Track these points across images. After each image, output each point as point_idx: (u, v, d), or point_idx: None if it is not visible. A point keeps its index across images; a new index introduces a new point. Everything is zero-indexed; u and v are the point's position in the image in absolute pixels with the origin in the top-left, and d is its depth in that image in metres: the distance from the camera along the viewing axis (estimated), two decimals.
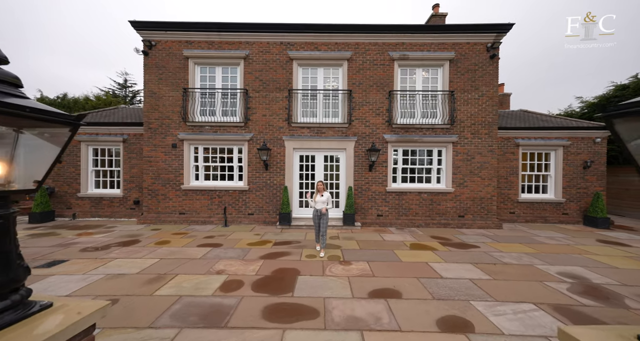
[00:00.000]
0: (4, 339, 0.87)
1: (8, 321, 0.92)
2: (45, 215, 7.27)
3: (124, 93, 24.83)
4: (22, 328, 0.94)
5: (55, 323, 0.99)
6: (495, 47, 7.41)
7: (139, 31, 7.08)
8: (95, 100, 20.17)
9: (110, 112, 9.10)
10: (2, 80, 0.95)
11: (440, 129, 7.43)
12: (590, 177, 7.96)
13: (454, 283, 3.76)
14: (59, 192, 7.90)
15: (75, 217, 7.80)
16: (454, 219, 7.36)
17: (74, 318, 1.04)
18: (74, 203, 7.91)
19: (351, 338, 2.53)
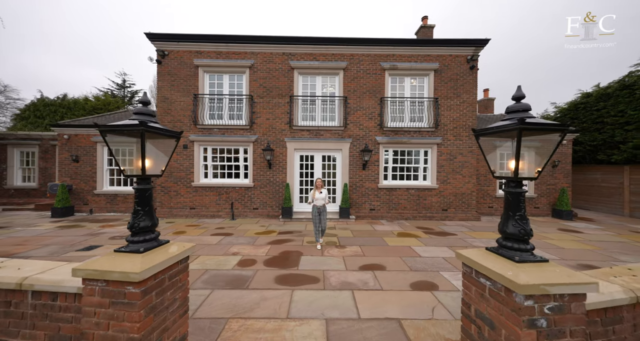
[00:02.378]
0: (156, 253, 1.64)
1: (155, 245, 1.70)
2: (66, 210, 7.90)
3: (122, 93, 25.16)
4: (160, 250, 1.71)
5: (174, 249, 1.77)
6: (474, 59, 8.29)
7: (153, 42, 7.75)
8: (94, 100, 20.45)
9: (122, 115, 9.72)
10: (151, 114, 1.72)
11: (426, 132, 8.28)
12: (558, 175, 8.94)
13: (429, 260, 4.60)
14: (76, 189, 8.52)
15: (92, 212, 8.44)
16: (438, 212, 8.24)
17: (181, 248, 1.81)
18: (91, 199, 8.54)
19: (344, 295, 3.33)
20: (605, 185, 9.40)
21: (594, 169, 9.79)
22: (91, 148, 8.53)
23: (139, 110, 1.70)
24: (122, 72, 24.94)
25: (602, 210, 9.54)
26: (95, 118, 9.34)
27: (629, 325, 1.57)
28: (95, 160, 8.55)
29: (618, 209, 8.98)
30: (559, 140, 1.55)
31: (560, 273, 1.41)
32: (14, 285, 1.63)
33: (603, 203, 9.47)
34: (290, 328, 2.61)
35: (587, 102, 9.79)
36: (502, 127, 1.58)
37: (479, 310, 1.66)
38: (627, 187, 8.68)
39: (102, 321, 1.50)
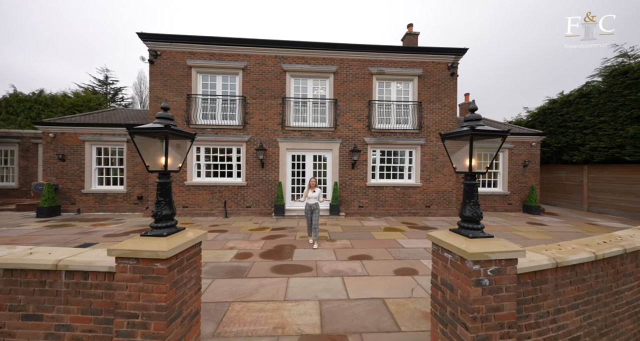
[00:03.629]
0: (177, 237, 1.94)
1: (174, 231, 1.99)
2: (52, 209, 7.74)
3: (105, 90, 24.23)
4: (180, 234, 2.00)
5: (191, 234, 2.06)
6: (454, 66, 8.96)
7: (146, 42, 7.78)
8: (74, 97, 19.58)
9: (110, 113, 9.60)
10: (171, 118, 2.00)
11: (411, 133, 8.85)
12: (529, 174, 9.82)
13: (411, 250, 5.08)
14: (62, 189, 8.35)
15: (80, 212, 8.31)
16: (422, 209, 8.83)
17: (196, 234, 2.11)
18: (78, 198, 8.40)
19: (335, 280, 3.71)
20: (569, 182, 10.41)
21: (559, 168, 10.80)
22: (79, 146, 8.40)
23: (161, 115, 1.98)
24: (104, 68, 23.98)
25: (565, 205, 10.56)
26: (83, 116, 9.16)
27: (552, 285, 2.04)
28: (83, 159, 8.42)
29: (578, 204, 9.99)
30: (501, 143, 2.00)
31: (499, 245, 1.85)
32: (50, 266, 1.86)
33: (567, 199, 10.48)
34: (287, 308, 2.95)
35: (553, 108, 10.79)
36: (460, 132, 2.00)
37: (443, 278, 2.09)
38: (586, 185, 9.70)
39: (134, 293, 1.78)
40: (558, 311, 2.08)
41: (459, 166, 2.17)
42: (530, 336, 1.98)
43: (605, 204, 9.20)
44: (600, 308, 2.25)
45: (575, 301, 2.15)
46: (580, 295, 2.17)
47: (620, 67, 8.48)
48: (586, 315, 2.19)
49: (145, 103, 28.05)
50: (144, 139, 1.97)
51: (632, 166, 8.47)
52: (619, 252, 2.30)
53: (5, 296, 1.89)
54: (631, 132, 7.95)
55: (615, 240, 2.50)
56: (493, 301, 1.80)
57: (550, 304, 2.05)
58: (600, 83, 9.18)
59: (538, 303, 2.01)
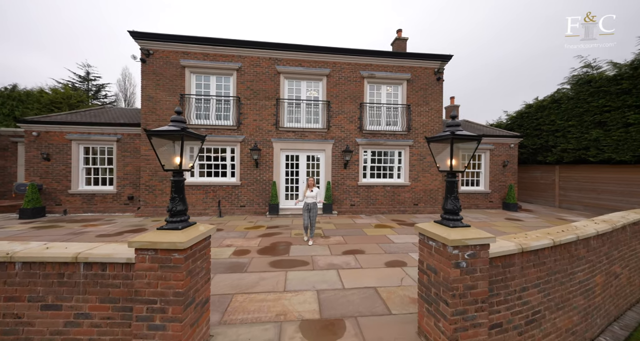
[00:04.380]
0: (190, 230, 2.11)
1: (188, 225, 2.16)
2: (36, 210, 7.49)
3: (86, 86, 23.18)
4: (192, 228, 2.18)
5: (202, 228, 2.24)
6: (440, 72, 9.48)
7: (137, 40, 7.69)
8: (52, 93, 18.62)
9: (99, 112, 9.36)
10: (184, 121, 2.18)
11: (400, 135, 9.27)
12: (508, 173, 10.54)
13: (401, 245, 5.42)
14: (47, 189, 8.08)
15: (66, 213, 8.07)
16: (410, 207, 9.27)
17: (207, 228, 2.29)
18: (64, 199, 8.16)
19: (331, 273, 3.96)
20: (543, 181, 11.26)
21: (535, 168, 11.65)
22: (65, 146, 8.15)
23: (176, 118, 2.15)
24: (85, 64, 22.85)
25: (540, 203, 11.40)
26: (70, 114, 8.87)
27: (518, 267, 2.40)
28: (69, 159, 8.18)
29: (551, 201, 10.84)
30: (476, 145, 2.33)
31: (475, 233, 2.17)
32: (70, 258, 1.98)
33: (541, 197, 11.33)
34: (288, 298, 3.17)
35: (529, 112, 11.62)
36: (442, 136, 2.31)
37: (429, 263, 2.39)
38: (557, 183, 10.55)
39: (152, 281, 1.94)
40: (523, 289, 2.44)
41: (442, 165, 2.49)
42: (500, 310, 2.32)
43: (573, 201, 10.06)
44: (558, 287, 2.65)
45: (537, 281, 2.51)
46: (541, 275, 2.54)
47: (585, 76, 9.33)
48: (546, 292, 2.57)
49: (131, 101, 27.08)
50: (159, 140, 2.13)
51: (596, 166, 9.33)
52: (573, 238, 2.70)
53: (24, 288, 2.00)
54: (594, 135, 8.78)
55: (572, 229, 2.92)
56: (469, 280, 2.12)
57: (516, 283, 2.40)
58: (569, 90, 10.04)
59: (507, 282, 2.36)
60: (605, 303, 3.19)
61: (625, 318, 3.32)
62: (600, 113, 8.80)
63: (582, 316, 2.90)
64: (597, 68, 9.22)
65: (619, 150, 8.31)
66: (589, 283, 2.94)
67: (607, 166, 9.02)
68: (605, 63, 9.09)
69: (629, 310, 3.53)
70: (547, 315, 2.59)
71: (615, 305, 3.35)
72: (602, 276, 3.16)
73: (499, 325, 2.30)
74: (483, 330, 2.16)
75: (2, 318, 1.98)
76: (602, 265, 3.14)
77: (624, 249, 3.51)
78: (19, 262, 2.00)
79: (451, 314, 2.08)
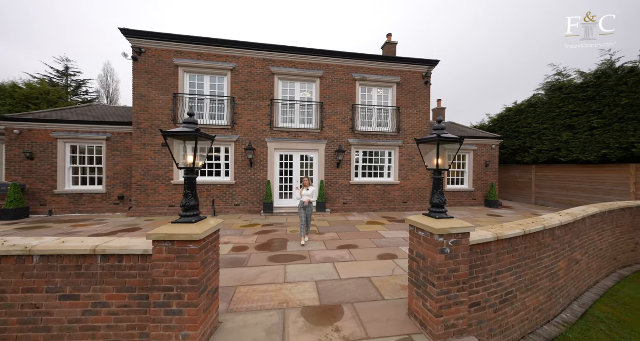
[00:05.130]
0: (203, 224, 2.29)
1: (200, 219, 2.33)
2: (19, 211, 7.22)
3: (64, 82, 22.09)
4: (204, 222, 2.35)
5: (213, 222, 2.42)
6: (428, 76, 9.98)
7: (129, 38, 7.59)
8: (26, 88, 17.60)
9: (86, 109, 9.10)
10: (197, 123, 2.35)
11: (390, 136, 9.67)
12: (490, 173, 11.23)
13: (391, 240, 5.76)
14: (30, 189, 7.79)
15: (52, 213, 7.82)
16: (400, 204, 9.70)
17: (216, 222, 2.47)
18: (50, 200, 7.89)
19: (327, 265, 4.21)
20: (521, 180, 12.08)
21: (514, 168, 12.47)
22: (50, 144, 7.89)
23: (189, 120, 2.32)
24: (63, 58, 21.61)
25: (519, 200, 12.23)
26: (55, 112, 8.57)
27: (494, 254, 2.75)
28: (55, 158, 7.92)
29: (529, 199, 11.67)
30: (459, 147, 2.65)
31: (458, 223, 2.48)
32: (88, 251, 2.10)
33: (520, 195, 12.15)
34: (288, 288, 3.39)
35: (509, 115, 12.42)
36: (430, 138, 2.61)
37: (418, 251, 2.69)
38: (534, 182, 11.37)
39: (169, 270, 2.10)
40: (498, 273, 2.79)
41: (429, 165, 2.79)
42: (479, 291, 2.65)
43: (547, 198, 10.89)
44: (528, 271, 3.03)
45: (510, 265, 2.88)
46: (514, 260, 2.91)
47: (557, 83, 10.15)
48: (518, 275, 2.94)
49: (114, 99, 26.07)
50: (173, 141, 2.29)
51: (566, 166, 10.18)
52: (540, 229, 3.10)
53: (42, 280, 2.10)
54: (565, 138, 9.58)
55: (540, 221, 3.33)
56: (452, 265, 2.43)
57: (493, 268, 2.75)
58: (543, 96, 10.86)
59: (485, 267, 2.70)
60: (567, 285, 3.64)
61: (584, 298, 3.80)
62: (569, 117, 9.62)
63: (548, 296, 3.31)
64: (567, 76, 10.07)
65: (585, 151, 9.14)
66: (553, 267, 3.36)
67: (575, 166, 9.87)
68: (573, 72, 9.95)
69: (587, 291, 4.02)
70: (518, 295, 2.97)
71: (576, 287, 3.82)
72: (565, 262, 3.60)
73: (477, 304, 2.64)
74: (464, 307, 2.48)
75: (20, 309, 2.07)
76: (565, 252, 3.58)
77: (584, 238, 4.00)
78: (37, 255, 2.09)
79: (437, 294, 2.38)
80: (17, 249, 2.06)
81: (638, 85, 7.81)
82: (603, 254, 4.61)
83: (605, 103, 8.56)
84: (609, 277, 4.64)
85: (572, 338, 2.99)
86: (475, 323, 2.61)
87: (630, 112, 7.98)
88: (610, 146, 8.48)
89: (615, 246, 4.94)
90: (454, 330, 2.44)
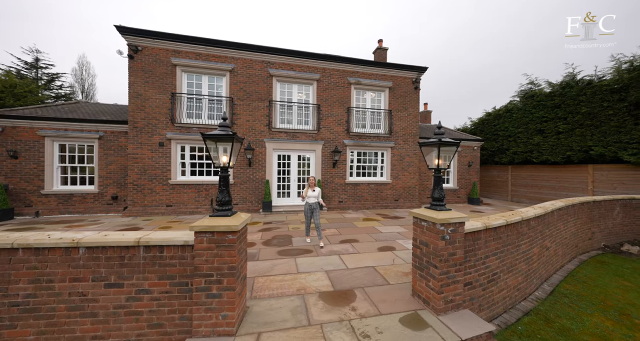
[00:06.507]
0: (236, 217, 2.54)
1: (232, 213, 2.58)
2: (4, 213, 6.86)
3: (34, 75, 20.58)
4: (236, 216, 2.60)
5: (244, 216, 2.67)
6: (417, 81, 10.63)
7: (125, 35, 7.45)
8: None
9: (74, 106, 8.75)
10: (230, 126, 2.59)
11: (383, 137, 10.20)
12: (472, 172, 12.15)
13: (388, 234, 6.22)
14: (14, 189, 7.40)
15: (39, 214, 7.48)
16: (392, 202, 10.26)
17: (247, 216, 2.72)
18: (36, 200, 7.54)
19: (334, 257, 4.55)
20: (499, 179, 13.16)
21: (493, 168, 13.55)
22: (37, 142, 7.54)
23: (224, 123, 2.55)
24: (33, 49, 19.90)
25: (497, 197, 13.31)
26: (41, 108, 8.16)
27: (483, 240, 3.23)
28: (42, 157, 7.59)
29: (505, 196, 12.76)
30: (456, 149, 3.10)
31: (455, 214, 2.92)
32: (132, 242, 2.27)
33: (498, 193, 13.23)
34: (303, 277, 3.69)
35: (488, 119, 13.49)
36: (431, 142, 3.04)
37: (421, 239, 3.10)
38: (510, 181, 12.46)
39: (209, 258, 2.34)
40: (486, 257, 3.28)
41: (430, 164, 3.22)
42: (471, 272, 3.12)
43: (521, 195, 12.00)
44: (509, 255, 3.56)
45: (495, 250, 3.38)
46: (498, 246, 3.42)
47: (530, 91, 11.25)
48: (501, 259, 3.45)
49: (90, 94, 24.66)
50: (210, 143, 2.52)
51: (537, 166, 11.29)
52: (519, 219, 3.64)
53: (87, 270, 2.25)
54: (536, 141, 10.66)
55: (518, 213, 3.89)
56: (451, 249, 2.87)
57: (482, 252, 3.23)
58: (518, 102, 11.95)
59: (475, 252, 3.17)
60: (539, 268, 4.26)
61: (552, 279, 4.46)
62: (540, 122, 10.71)
63: (524, 277, 3.88)
64: (538, 85, 11.19)
65: (553, 153, 10.24)
66: (529, 253, 3.94)
67: (545, 166, 10.98)
68: (543, 81, 11.08)
69: (554, 273, 4.70)
70: (501, 276, 3.48)
71: (546, 270, 4.46)
72: (538, 248, 4.21)
73: (469, 283, 3.10)
74: (460, 285, 2.93)
75: (68, 297, 2.22)
76: (538, 240, 4.19)
77: (552, 229, 4.66)
78: (82, 247, 2.25)
79: (439, 274, 2.81)
80: (65, 241, 2.20)
81: (594, 96, 8.93)
82: (567, 242, 5.34)
83: (569, 110, 9.67)
84: (571, 261, 5.39)
85: (543, 310, 3.56)
86: (467, 300, 3.07)
87: (588, 119, 9.10)
88: (573, 149, 9.59)
89: (576, 235, 5.72)
90: (451, 304, 2.88)
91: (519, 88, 11.99)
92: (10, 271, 2.17)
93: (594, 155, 9.04)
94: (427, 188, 11.58)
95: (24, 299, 2.18)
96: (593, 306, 3.68)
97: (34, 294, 2.19)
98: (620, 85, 8.22)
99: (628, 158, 8.04)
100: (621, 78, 8.20)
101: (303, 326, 2.53)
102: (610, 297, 3.93)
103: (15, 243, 2.15)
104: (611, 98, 8.49)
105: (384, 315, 2.77)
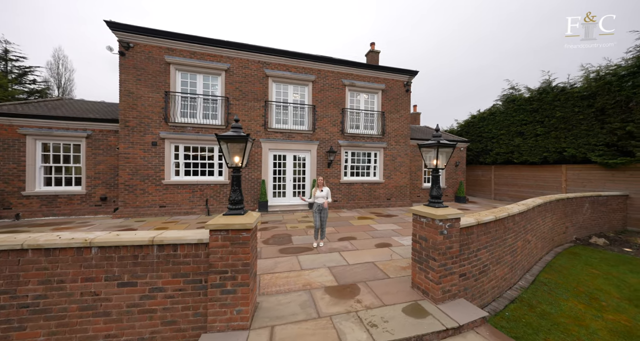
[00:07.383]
0: (248, 216, 2.62)
1: (245, 212, 2.67)
2: None
3: (4, 67, 19.21)
4: (248, 214, 2.69)
5: (255, 214, 2.76)
6: (409, 84, 11.02)
7: (116, 32, 7.22)
8: None
9: (57, 103, 8.33)
10: (241, 128, 2.67)
11: (376, 138, 10.49)
12: (459, 172, 12.73)
13: (383, 231, 6.45)
14: None
15: (19, 217, 7.07)
16: (384, 201, 10.57)
17: (257, 214, 2.81)
18: (17, 202, 7.13)
19: (334, 254, 4.70)
20: (484, 178, 13.89)
21: (478, 168, 14.27)
22: (17, 141, 7.13)
23: (236, 125, 2.63)
24: (2, 39, 18.10)
25: (482, 196, 14.03)
26: (21, 105, 7.69)
27: (475, 235, 3.50)
28: (23, 156, 7.18)
29: (489, 194, 13.48)
30: (452, 150, 3.34)
31: (452, 211, 3.16)
32: (146, 241, 2.30)
33: (482, 191, 13.95)
34: (307, 274, 3.81)
35: (473, 122, 14.19)
36: (430, 144, 3.26)
37: (420, 234, 3.32)
38: (493, 180, 13.20)
39: (224, 255, 2.41)
40: (478, 250, 3.55)
41: (429, 164, 3.45)
42: (465, 265, 3.37)
43: (503, 194, 12.74)
44: (497, 248, 3.87)
45: (486, 244, 3.67)
46: (488, 240, 3.71)
47: (511, 96, 11.99)
48: (491, 252, 3.75)
49: (67, 89, 23.32)
50: (224, 144, 2.59)
51: (518, 166, 12.05)
52: (505, 215, 3.96)
53: (100, 270, 2.26)
54: (516, 142, 11.38)
55: (505, 210, 4.22)
56: (448, 243, 3.10)
57: (474, 246, 3.50)
58: (500, 106, 12.68)
59: (469, 245, 3.43)
60: (522, 260, 4.63)
61: (533, 270, 4.86)
62: (520, 125, 11.44)
63: (510, 268, 4.21)
64: (518, 90, 11.95)
65: (532, 154, 10.99)
66: (514, 246, 4.28)
67: (525, 166, 11.74)
68: (523, 87, 11.85)
69: (535, 264, 5.12)
70: (491, 267, 3.78)
71: (528, 262, 4.85)
72: (521, 242, 4.57)
73: (464, 274, 3.35)
74: (456, 276, 3.17)
75: (80, 296, 2.21)
76: (521, 234, 4.55)
77: (533, 224, 5.07)
78: (95, 247, 2.25)
79: (437, 266, 3.03)
80: (77, 241, 2.20)
81: (567, 102, 9.70)
82: (545, 236, 5.81)
83: (546, 114, 10.43)
84: (548, 253, 5.87)
85: (526, 297, 3.90)
86: (462, 290, 3.32)
87: (562, 123, 9.87)
88: (549, 150, 10.36)
89: (553, 229, 6.23)
90: (448, 294, 3.11)
91: (501, 92, 12.74)
92: (19, 273, 2.14)
93: (567, 156, 9.81)
94: (417, 187, 12.01)
95: (33, 300, 2.16)
96: (568, 292, 4.07)
97: (44, 295, 2.17)
98: (588, 93, 8.99)
99: (595, 159, 8.82)
100: (589, 86, 8.97)
101: (313, 319, 2.66)
102: (582, 284, 4.36)
103: (25, 244, 2.12)
104: (581, 104, 9.26)
105: (388, 305, 2.95)
